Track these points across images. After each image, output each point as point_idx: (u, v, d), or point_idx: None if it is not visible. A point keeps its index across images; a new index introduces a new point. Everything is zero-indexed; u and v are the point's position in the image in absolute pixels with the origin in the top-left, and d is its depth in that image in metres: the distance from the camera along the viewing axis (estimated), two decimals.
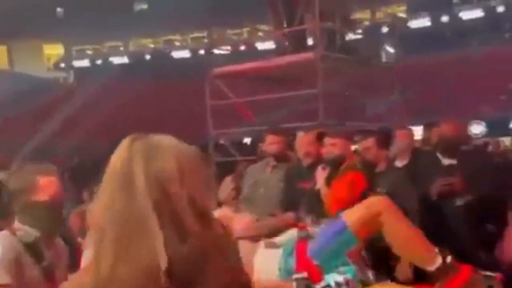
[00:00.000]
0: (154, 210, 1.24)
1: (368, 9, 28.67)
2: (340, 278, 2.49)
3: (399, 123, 7.05)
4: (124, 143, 1.32)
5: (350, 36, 10.57)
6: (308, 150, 4.58)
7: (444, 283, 2.42)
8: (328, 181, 4.15)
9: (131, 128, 1.40)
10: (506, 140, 17.37)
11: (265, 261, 2.66)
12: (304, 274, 2.49)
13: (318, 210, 4.06)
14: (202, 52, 30.48)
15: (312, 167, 4.45)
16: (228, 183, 4.73)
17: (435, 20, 29.31)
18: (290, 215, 4.39)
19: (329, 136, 4.35)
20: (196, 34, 33.45)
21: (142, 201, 1.25)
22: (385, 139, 4.83)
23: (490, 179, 5.36)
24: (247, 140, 13.18)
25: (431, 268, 2.48)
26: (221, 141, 9.85)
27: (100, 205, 1.30)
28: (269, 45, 19.38)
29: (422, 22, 29.63)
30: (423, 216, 4.29)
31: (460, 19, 28.82)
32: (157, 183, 1.27)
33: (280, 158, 4.78)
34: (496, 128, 21.23)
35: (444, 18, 29.23)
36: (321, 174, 4.24)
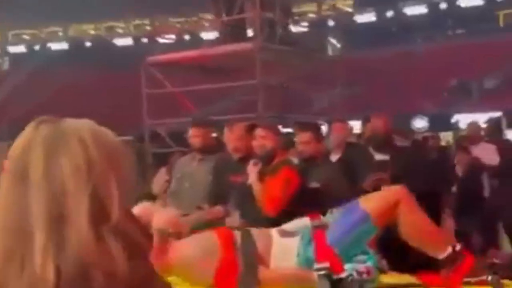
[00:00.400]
0: (46, 208, 1.09)
1: (314, 2, 28.85)
2: (361, 267, 2.53)
3: (336, 116, 7.09)
4: (28, 127, 1.15)
5: (295, 28, 10.56)
6: (237, 144, 4.45)
7: (451, 270, 2.53)
8: (261, 177, 4.09)
9: (68, 116, 1.24)
10: (448, 135, 17.82)
11: (282, 249, 2.66)
12: (326, 264, 2.51)
13: (248, 205, 4.03)
14: (145, 40, 30.03)
15: (243, 160, 4.35)
16: (162, 174, 4.60)
17: (380, 15, 29.74)
18: (218, 209, 4.31)
19: (260, 128, 4.29)
20: (138, 21, 32.94)
21: (34, 196, 1.10)
22: (321, 132, 4.82)
23: (423, 174, 5.49)
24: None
25: (442, 256, 2.61)
26: (159, 132, 9.70)
27: None
28: (214, 35, 19.20)
29: (367, 17, 30.00)
30: None
31: (405, 14, 29.34)
32: (55, 175, 1.10)
33: (206, 151, 4.66)
34: (438, 123, 21.72)
35: (389, 14, 29.69)
36: (253, 170, 4.16)
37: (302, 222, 2.78)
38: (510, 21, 28.30)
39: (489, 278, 2.49)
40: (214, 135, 5.51)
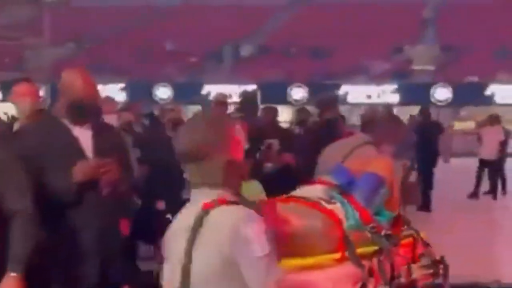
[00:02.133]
0: None
1: None
2: (385, 225, 3.18)
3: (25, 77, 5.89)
4: None
5: None
6: None
7: (394, 223, 3.32)
8: None
9: None
10: (197, 108, 17.75)
11: None
12: (374, 224, 3.10)
13: None
14: None
15: None
16: None
17: None
18: None
19: None
20: None
21: None
22: None
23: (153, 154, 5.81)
24: None
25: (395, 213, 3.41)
26: None
27: None
28: None
29: None
30: None
31: None
32: None
33: None
34: (186, 94, 21.41)
35: None
36: None
37: (316, 190, 3.15)
38: None
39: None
40: None
